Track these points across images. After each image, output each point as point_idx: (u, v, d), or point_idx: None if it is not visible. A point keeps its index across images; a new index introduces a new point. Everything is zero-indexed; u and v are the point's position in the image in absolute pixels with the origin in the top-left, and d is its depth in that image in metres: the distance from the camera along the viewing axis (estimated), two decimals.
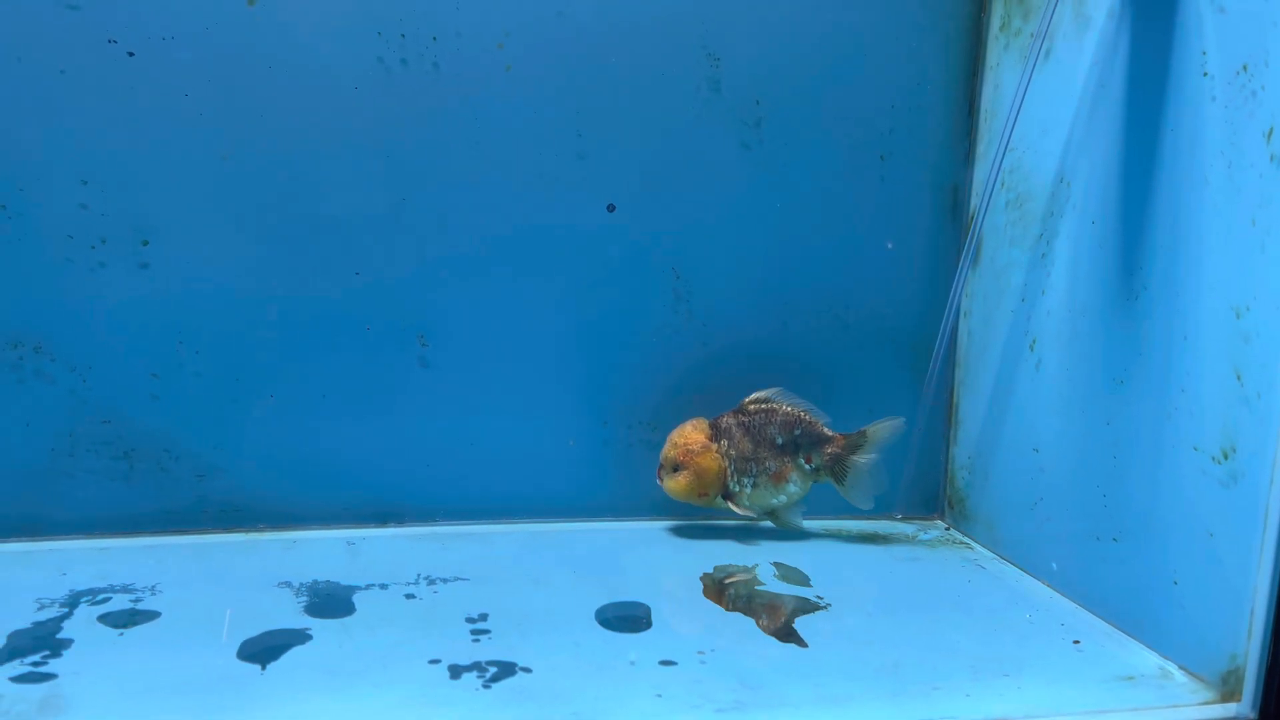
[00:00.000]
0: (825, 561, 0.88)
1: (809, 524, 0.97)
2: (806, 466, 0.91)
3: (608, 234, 0.94)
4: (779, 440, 0.91)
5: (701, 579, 0.83)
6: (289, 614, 0.73)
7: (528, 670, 0.66)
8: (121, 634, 0.69)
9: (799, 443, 0.91)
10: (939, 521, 1.00)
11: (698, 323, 0.96)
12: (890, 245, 0.96)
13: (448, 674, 0.65)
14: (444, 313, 0.92)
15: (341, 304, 0.90)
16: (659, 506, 0.96)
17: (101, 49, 0.83)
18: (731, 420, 0.91)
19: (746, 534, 0.94)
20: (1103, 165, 0.79)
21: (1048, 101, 0.85)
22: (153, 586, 0.77)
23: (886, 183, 0.96)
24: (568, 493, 0.95)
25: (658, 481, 0.91)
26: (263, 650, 0.67)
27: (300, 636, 0.69)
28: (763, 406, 0.92)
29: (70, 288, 0.85)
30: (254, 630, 0.70)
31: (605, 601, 0.77)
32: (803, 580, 0.84)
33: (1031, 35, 0.87)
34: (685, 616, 0.76)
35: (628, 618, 0.75)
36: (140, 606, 0.73)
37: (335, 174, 0.88)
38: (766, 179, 0.95)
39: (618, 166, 0.93)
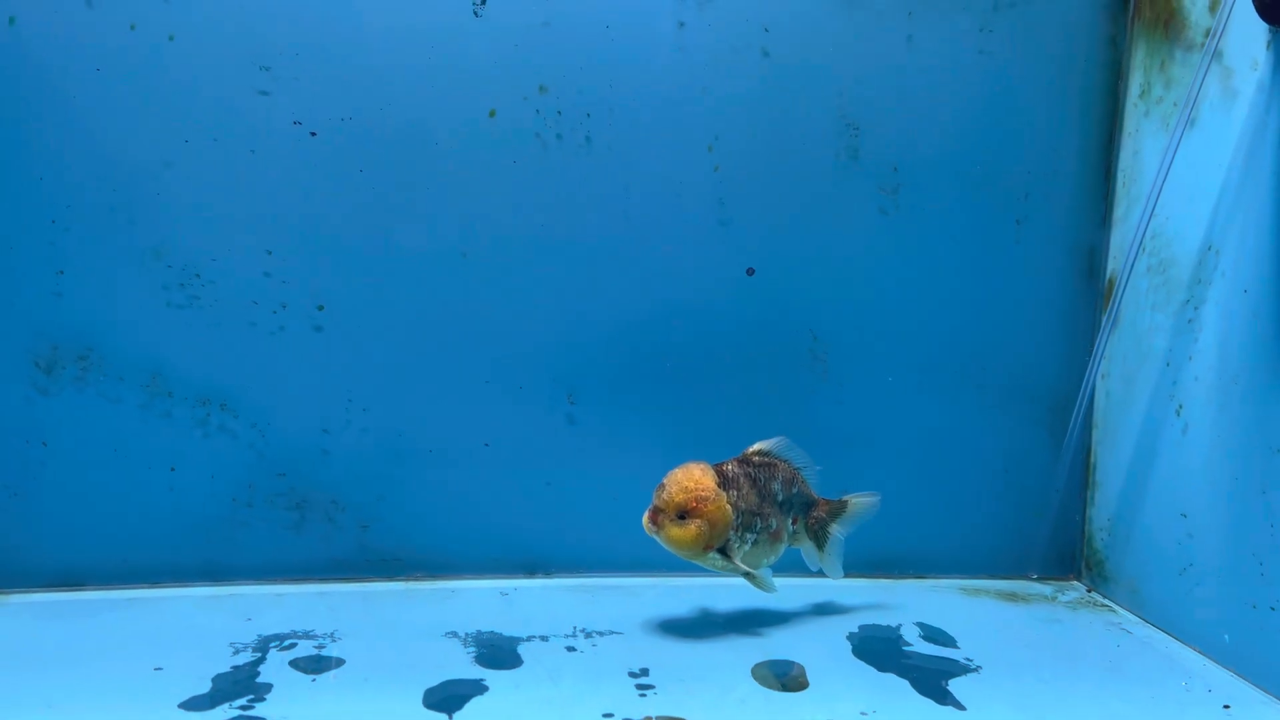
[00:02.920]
0: (967, 622, 0.89)
1: (950, 582, 0.98)
2: (791, 528, 0.86)
3: (747, 297, 0.97)
4: (780, 497, 0.85)
5: (848, 638, 0.85)
6: (461, 664, 0.77)
7: None
8: (314, 680, 0.73)
9: (792, 502, 0.86)
10: (1075, 582, 1.00)
11: (834, 383, 0.98)
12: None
13: None
14: (590, 372, 0.96)
15: (496, 365, 0.95)
16: (796, 565, 0.99)
17: (287, 130, 0.90)
18: (737, 469, 0.84)
19: (886, 593, 0.96)
20: (1254, 235, 0.79)
21: (1192, 169, 0.86)
22: (331, 633, 0.82)
23: (1022, 246, 0.98)
24: None
25: (648, 528, 0.81)
26: (445, 700, 0.71)
27: (477, 687, 0.73)
28: (765, 459, 0.85)
29: (253, 349, 0.91)
30: (434, 680, 0.74)
31: (760, 658, 0.80)
32: (949, 641, 0.85)
33: (1175, 104, 0.88)
34: (840, 675, 0.77)
35: (783, 675, 0.77)
36: (325, 653, 0.78)
37: (492, 244, 0.93)
38: (903, 244, 0.97)
39: (758, 232, 0.96)
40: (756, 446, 0.86)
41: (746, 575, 0.84)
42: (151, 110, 0.88)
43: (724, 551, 0.82)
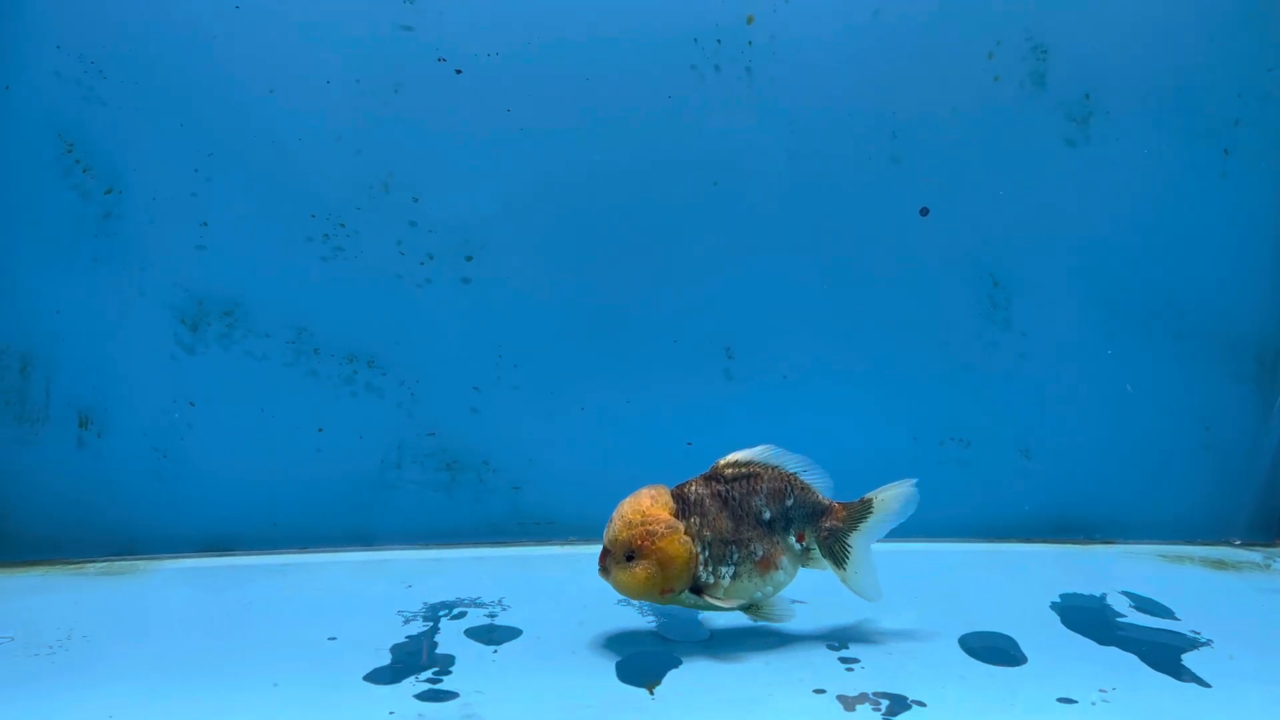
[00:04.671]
0: (1179, 592, 0.81)
1: (1146, 548, 0.90)
2: (797, 546, 0.72)
3: (920, 239, 0.89)
4: (766, 515, 0.70)
5: (1052, 608, 0.78)
6: (644, 634, 0.72)
7: (922, 704, 0.62)
8: (495, 651, 0.69)
9: (790, 516, 0.71)
10: None
11: (1015, 332, 0.91)
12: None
13: (839, 705, 0.62)
14: (750, 324, 0.89)
15: (651, 317, 0.89)
16: (974, 528, 0.92)
17: (431, 67, 0.84)
18: (703, 489, 0.70)
19: (1077, 559, 0.88)
20: None
21: None
22: (499, 600, 0.77)
23: (1230, 179, 0.89)
24: None
25: (601, 573, 0.69)
26: (640, 672, 0.66)
27: (669, 659, 0.68)
28: (743, 470, 0.71)
29: (399, 303, 0.86)
30: (621, 651, 0.69)
31: (964, 629, 0.73)
32: (1165, 613, 0.77)
33: None
34: (1058, 648, 0.70)
35: (995, 649, 0.70)
36: (498, 622, 0.73)
37: (648, 186, 0.87)
38: (1094, 179, 0.89)
39: (932, 168, 0.88)
40: (731, 457, 0.72)
41: (746, 609, 0.71)
42: (294, 50, 0.82)
43: (699, 590, 0.69)
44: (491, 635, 0.71)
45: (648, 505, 0.69)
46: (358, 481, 0.87)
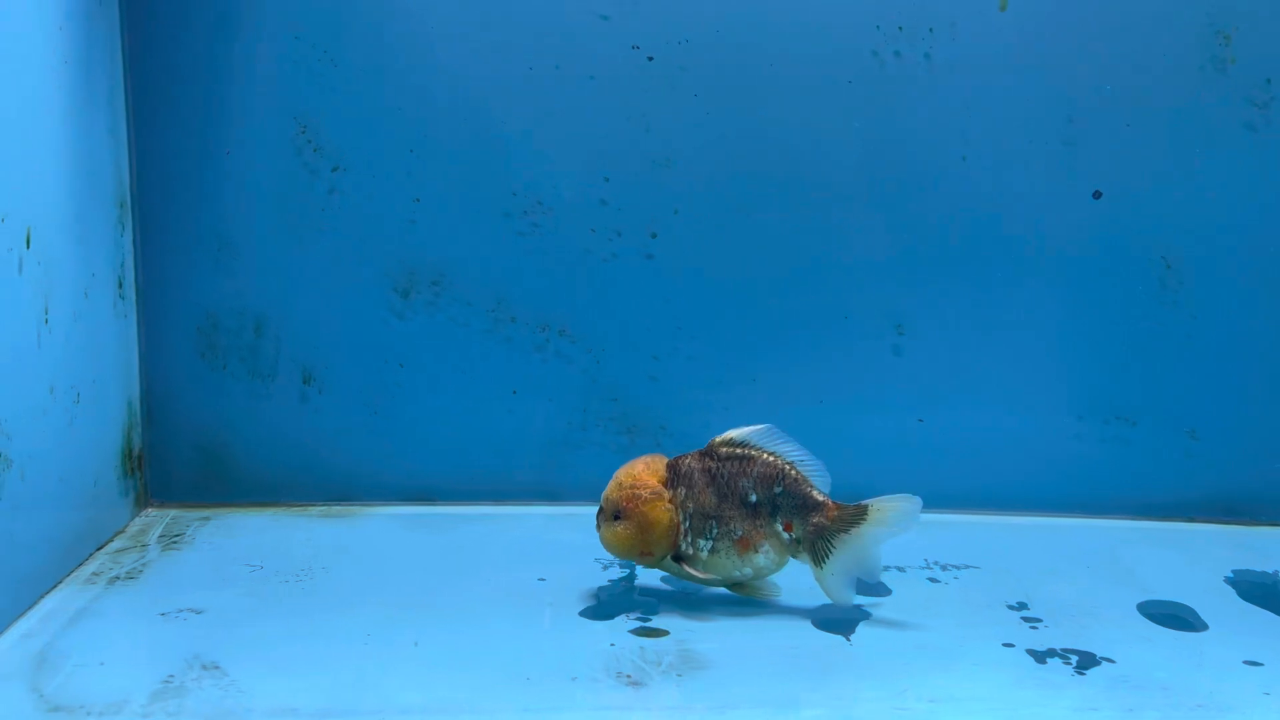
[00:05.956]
0: None
1: None
2: (785, 536, 0.72)
3: (1092, 221, 0.91)
4: (752, 497, 0.72)
5: (1226, 582, 0.80)
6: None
7: (1111, 661, 0.65)
8: (694, 598, 0.74)
9: (778, 503, 0.72)
10: None
11: (1185, 314, 0.92)
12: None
13: (1030, 658, 0.66)
14: (920, 301, 0.93)
15: (822, 293, 0.93)
16: (1137, 507, 0.93)
17: (625, 54, 0.90)
18: (695, 464, 0.73)
19: (1244, 539, 0.89)
20: None
21: None
22: None
23: None
24: (1044, 486, 0.94)
25: (597, 528, 0.74)
26: (834, 623, 0.70)
27: (860, 613, 0.72)
28: (737, 451, 0.72)
29: (589, 276, 0.92)
30: (811, 603, 0.73)
31: (1140, 597, 0.76)
32: None
33: None
34: (1238, 619, 0.73)
35: (1175, 616, 0.73)
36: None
37: (823, 167, 0.91)
38: (1273, 163, 0.89)
39: (1107, 151, 0.90)
40: (727, 435, 0.74)
41: (732, 586, 0.73)
42: (499, 38, 0.89)
43: (680, 559, 0.72)
44: (686, 585, 0.77)
45: (640, 471, 0.73)
46: (547, 440, 0.94)
